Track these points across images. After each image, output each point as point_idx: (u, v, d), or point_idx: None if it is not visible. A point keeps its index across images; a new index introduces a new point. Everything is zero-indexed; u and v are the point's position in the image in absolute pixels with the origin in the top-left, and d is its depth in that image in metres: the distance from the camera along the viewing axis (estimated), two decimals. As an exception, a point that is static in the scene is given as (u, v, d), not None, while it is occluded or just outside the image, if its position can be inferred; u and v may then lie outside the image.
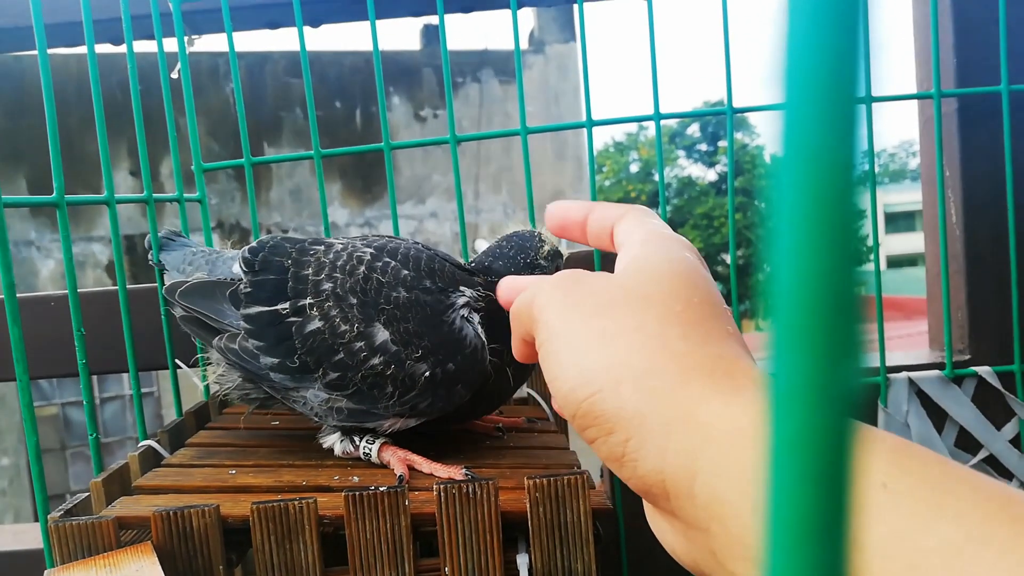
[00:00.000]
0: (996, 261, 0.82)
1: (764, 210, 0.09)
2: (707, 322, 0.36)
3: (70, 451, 5.90)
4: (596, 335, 0.36)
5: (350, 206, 5.98)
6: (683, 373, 0.33)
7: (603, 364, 0.34)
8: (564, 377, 0.35)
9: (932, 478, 0.25)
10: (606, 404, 0.33)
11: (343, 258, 0.56)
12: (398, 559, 0.44)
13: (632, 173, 18.31)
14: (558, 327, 0.37)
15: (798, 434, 0.09)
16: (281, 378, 0.55)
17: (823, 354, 0.09)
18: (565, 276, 0.40)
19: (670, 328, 0.35)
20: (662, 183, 0.77)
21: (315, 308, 0.54)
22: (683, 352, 0.34)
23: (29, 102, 5.39)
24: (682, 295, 0.37)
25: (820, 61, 0.09)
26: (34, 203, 0.57)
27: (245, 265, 0.58)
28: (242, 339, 0.56)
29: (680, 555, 0.34)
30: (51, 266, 5.62)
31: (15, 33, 0.94)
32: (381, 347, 0.53)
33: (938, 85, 0.77)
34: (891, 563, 0.23)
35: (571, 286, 0.39)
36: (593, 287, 0.39)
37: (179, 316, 0.60)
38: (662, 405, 0.32)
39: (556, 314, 0.38)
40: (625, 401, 0.33)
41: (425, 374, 0.52)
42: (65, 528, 0.43)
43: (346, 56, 6.01)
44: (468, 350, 0.54)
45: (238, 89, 0.76)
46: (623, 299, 0.37)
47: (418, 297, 0.54)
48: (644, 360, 0.34)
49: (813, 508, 0.09)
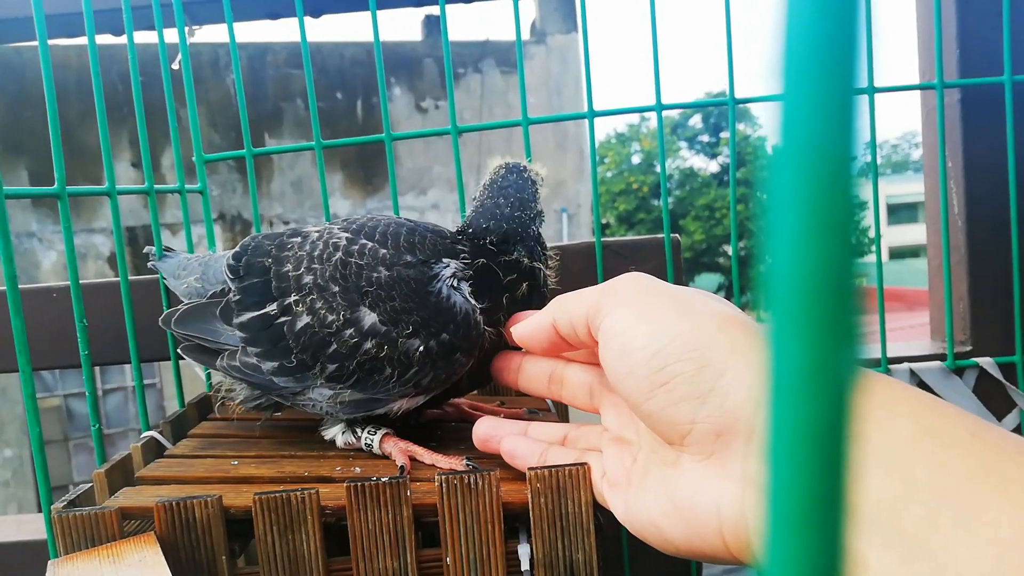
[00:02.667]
0: (998, 252, 0.82)
1: (763, 200, 0.09)
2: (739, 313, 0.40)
3: (73, 442, 5.92)
4: (676, 304, 0.39)
5: (352, 197, 5.97)
6: (757, 332, 0.36)
7: (690, 314, 0.38)
8: (655, 317, 0.39)
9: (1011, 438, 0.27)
10: (706, 336, 0.36)
11: (319, 247, 0.55)
12: (400, 549, 0.44)
13: (634, 164, 18.28)
14: (633, 305, 0.40)
15: (798, 424, 0.09)
16: (285, 381, 0.54)
17: (823, 343, 0.09)
18: (630, 277, 0.44)
19: (737, 313, 0.39)
20: (664, 174, 0.77)
21: (300, 304, 0.53)
22: (748, 320, 0.38)
23: (30, 94, 5.38)
24: (728, 306, 0.41)
25: (818, 52, 0.09)
26: (36, 194, 0.57)
27: (231, 272, 0.57)
28: (241, 353, 0.55)
29: (724, 510, 0.35)
30: (53, 257, 5.63)
31: (16, 24, 0.93)
32: (371, 330, 0.52)
33: (941, 76, 0.77)
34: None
35: (638, 282, 0.43)
36: (659, 284, 0.43)
37: (180, 347, 0.59)
38: (753, 343, 0.35)
39: (629, 300, 0.41)
40: (716, 336, 0.36)
41: (420, 349, 0.52)
42: (68, 519, 0.43)
43: (347, 47, 6.00)
44: (460, 317, 0.53)
45: (239, 80, 0.75)
46: (692, 292, 0.41)
47: (400, 273, 0.53)
48: (725, 315, 0.38)
49: (812, 496, 0.09)
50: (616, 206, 16.64)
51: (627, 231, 16.28)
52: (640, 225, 16.56)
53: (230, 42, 0.75)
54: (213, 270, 0.61)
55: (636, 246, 0.79)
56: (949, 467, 0.26)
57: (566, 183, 6.46)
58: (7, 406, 5.62)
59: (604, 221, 16.74)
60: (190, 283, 0.61)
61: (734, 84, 0.74)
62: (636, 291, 0.41)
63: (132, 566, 0.40)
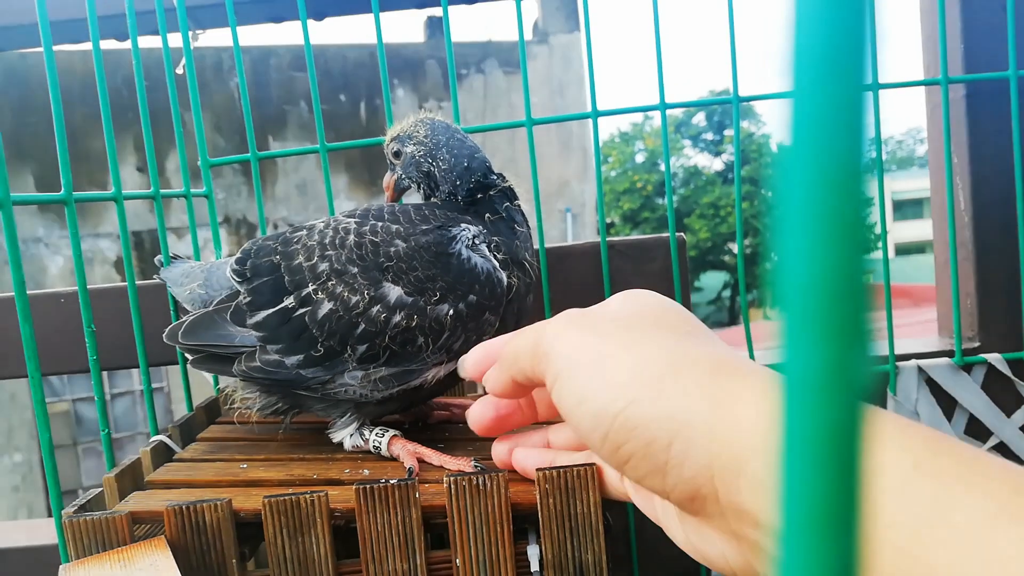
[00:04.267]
0: (1005, 247, 0.82)
1: (772, 199, 0.09)
2: (710, 338, 0.38)
3: (82, 447, 5.94)
4: (619, 348, 0.36)
5: (356, 199, 5.98)
6: (712, 371, 0.34)
7: (632, 373, 0.35)
8: (594, 396, 0.35)
9: (962, 459, 0.25)
10: (643, 411, 0.33)
11: (329, 235, 0.55)
12: (409, 551, 0.44)
13: (638, 163, 18.25)
14: (576, 352, 0.37)
15: (810, 422, 0.09)
16: (313, 372, 0.54)
17: (833, 342, 0.09)
18: (570, 313, 0.41)
19: (685, 339, 0.37)
20: (668, 173, 0.76)
21: (320, 292, 0.53)
22: (705, 354, 0.35)
23: (35, 99, 5.40)
24: (682, 319, 0.40)
25: (827, 50, 0.09)
26: (42, 200, 0.57)
27: (237, 276, 0.57)
28: (260, 352, 0.55)
29: (732, 562, 0.34)
30: (60, 263, 5.65)
31: (20, 31, 0.94)
32: (398, 303, 0.52)
33: (945, 71, 0.77)
34: (921, 538, 0.24)
35: (579, 317, 0.40)
36: (602, 315, 0.41)
37: (190, 361, 0.58)
38: (700, 401, 0.32)
39: (572, 341, 0.38)
40: (662, 404, 0.33)
41: (450, 313, 0.52)
42: (79, 524, 0.43)
43: (350, 49, 6.01)
44: (483, 276, 0.53)
45: (243, 84, 0.76)
46: (635, 321, 0.39)
47: (418, 241, 0.53)
48: (671, 363, 0.35)
49: (825, 495, 0.09)
50: (621, 205, 16.62)
51: (632, 230, 16.26)
52: (645, 224, 16.54)
53: (234, 46, 0.75)
54: (216, 276, 0.61)
55: (641, 245, 0.79)
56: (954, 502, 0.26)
57: (570, 183, 6.45)
58: (16, 411, 5.64)
59: (609, 220, 16.73)
60: (193, 289, 0.61)
61: (738, 82, 0.74)
62: (570, 357, 0.37)
63: (143, 570, 0.40)
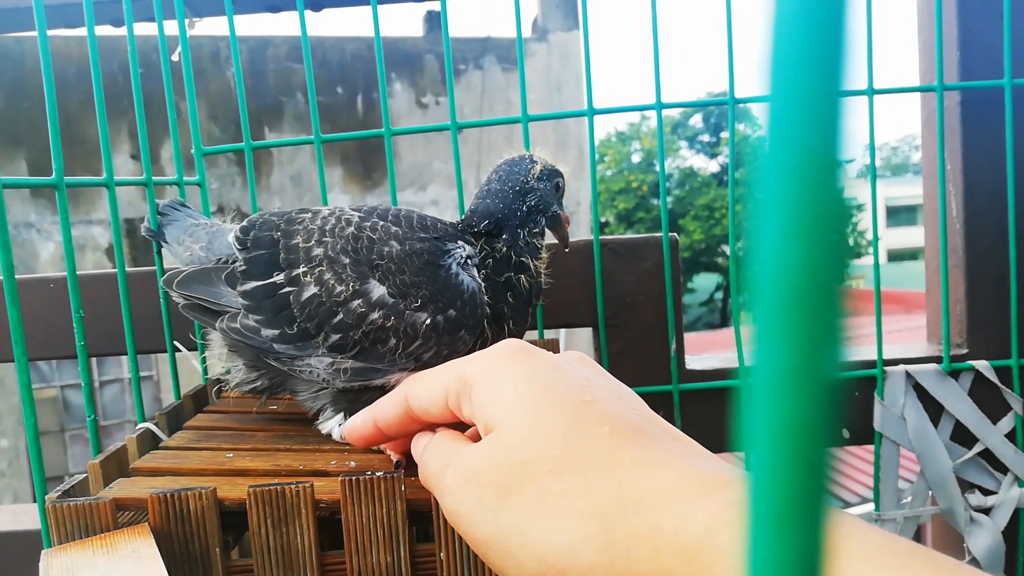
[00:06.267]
0: (996, 256, 0.82)
1: (752, 200, 0.09)
2: (663, 441, 0.34)
3: (69, 433, 5.91)
4: (570, 470, 0.33)
5: (351, 192, 5.97)
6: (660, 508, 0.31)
7: (582, 518, 0.32)
8: (540, 540, 0.32)
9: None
10: (587, 560, 0.31)
11: (331, 222, 0.56)
12: (394, 544, 0.44)
13: (634, 163, 18.27)
14: (523, 447, 0.34)
15: (778, 425, 0.09)
16: (284, 348, 0.55)
17: (804, 344, 0.09)
18: (515, 359, 0.37)
19: (641, 451, 0.33)
20: (663, 173, 0.77)
21: (309, 275, 0.54)
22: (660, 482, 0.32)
23: (29, 84, 5.37)
24: (635, 412, 0.36)
25: (804, 53, 0.09)
26: (34, 184, 0.57)
27: (238, 243, 0.58)
28: (242, 317, 0.56)
29: None
30: (51, 248, 5.62)
31: (15, 14, 0.93)
32: (379, 301, 0.53)
33: (941, 78, 0.77)
34: None
35: (528, 382, 0.36)
36: (559, 389, 0.36)
37: (180, 305, 0.60)
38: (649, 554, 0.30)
39: (518, 419, 0.34)
40: (607, 555, 0.31)
41: (426, 322, 0.53)
42: (63, 509, 0.43)
43: (348, 42, 5.99)
44: (467, 295, 0.54)
45: (239, 73, 0.75)
46: (591, 424, 0.34)
47: (412, 247, 0.54)
48: (619, 500, 0.31)
49: (792, 498, 0.09)
50: (615, 204, 16.64)
51: (626, 229, 16.28)
52: (639, 224, 16.56)
53: (230, 35, 0.75)
54: (219, 241, 0.61)
55: (634, 245, 0.79)
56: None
57: (566, 182, 6.45)
58: (3, 396, 5.61)
59: (603, 219, 16.73)
60: (195, 251, 0.62)
61: (735, 84, 0.74)
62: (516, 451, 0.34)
63: (126, 557, 0.40)
